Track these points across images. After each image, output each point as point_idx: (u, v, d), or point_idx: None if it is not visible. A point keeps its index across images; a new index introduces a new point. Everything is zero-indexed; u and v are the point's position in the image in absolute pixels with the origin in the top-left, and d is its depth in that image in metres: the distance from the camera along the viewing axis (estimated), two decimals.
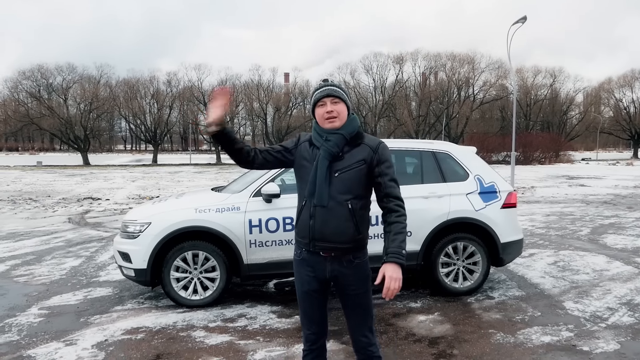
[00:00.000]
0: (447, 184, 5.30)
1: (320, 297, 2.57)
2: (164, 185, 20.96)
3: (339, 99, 2.47)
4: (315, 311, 2.57)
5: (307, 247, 2.49)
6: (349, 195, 2.43)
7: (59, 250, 7.71)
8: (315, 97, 2.51)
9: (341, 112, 2.47)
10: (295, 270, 2.60)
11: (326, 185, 2.41)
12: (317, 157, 2.45)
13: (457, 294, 5.22)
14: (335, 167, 2.43)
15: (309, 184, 2.44)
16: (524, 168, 34.10)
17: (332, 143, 2.44)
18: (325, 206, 2.41)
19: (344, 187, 2.42)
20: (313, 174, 2.44)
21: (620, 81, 69.47)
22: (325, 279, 2.51)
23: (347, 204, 2.42)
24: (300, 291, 2.58)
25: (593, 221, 10.36)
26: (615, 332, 4.23)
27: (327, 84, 2.50)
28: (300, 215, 2.51)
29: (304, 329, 2.62)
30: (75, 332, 4.34)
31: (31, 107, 54.40)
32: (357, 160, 2.44)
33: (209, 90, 61.68)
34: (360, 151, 2.46)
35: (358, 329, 2.59)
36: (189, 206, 5.09)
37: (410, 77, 65.21)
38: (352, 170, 2.43)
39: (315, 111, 2.52)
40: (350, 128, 2.48)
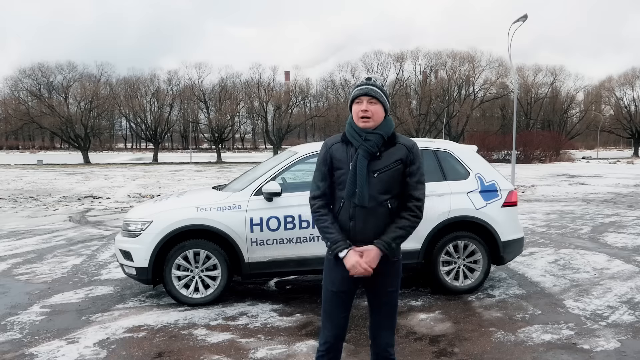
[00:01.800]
0: (448, 183, 5.31)
1: (348, 300, 2.57)
2: (165, 183, 20.97)
3: (377, 99, 2.47)
4: (339, 313, 2.56)
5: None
6: (387, 195, 2.45)
7: (60, 249, 7.73)
8: (353, 93, 2.51)
9: (376, 112, 2.47)
10: (328, 269, 2.57)
11: (367, 185, 2.41)
12: (355, 156, 2.44)
13: (457, 293, 5.23)
14: (373, 167, 2.44)
15: (348, 184, 2.43)
16: (524, 166, 34.08)
17: (371, 143, 2.44)
18: (366, 206, 2.41)
19: (383, 187, 2.44)
20: (352, 174, 2.43)
21: (621, 79, 69.40)
22: (360, 279, 2.49)
23: (387, 204, 2.45)
24: (328, 291, 2.56)
25: (593, 220, 10.37)
26: (615, 330, 4.24)
27: (369, 83, 2.49)
28: (338, 217, 2.49)
29: (324, 330, 2.60)
30: (77, 330, 4.35)
31: (32, 106, 54.44)
32: (395, 160, 2.46)
33: (209, 89, 61.81)
34: (397, 151, 2.48)
35: (382, 328, 2.59)
36: (190, 205, 5.10)
37: (411, 76, 65.28)
38: (390, 171, 2.45)
39: (352, 107, 2.52)
40: (387, 128, 2.50)
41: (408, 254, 5.14)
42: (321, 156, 2.58)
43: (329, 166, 2.54)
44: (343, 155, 2.50)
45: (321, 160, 2.57)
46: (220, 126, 56.78)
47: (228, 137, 66.83)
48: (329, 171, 2.55)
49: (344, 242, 2.45)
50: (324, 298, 2.59)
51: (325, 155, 2.56)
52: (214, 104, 61.64)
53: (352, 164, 2.43)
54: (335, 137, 2.61)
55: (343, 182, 2.47)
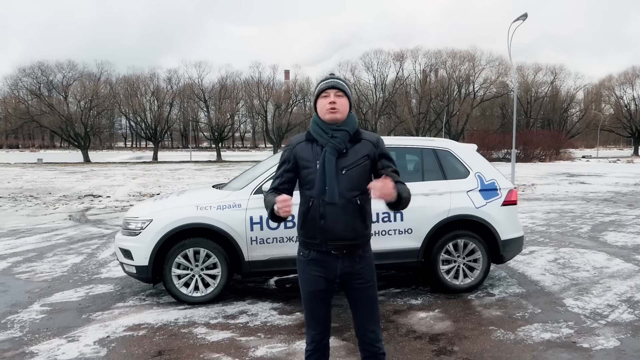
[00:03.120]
0: (448, 182, 5.31)
1: (327, 297, 2.57)
2: (165, 182, 20.97)
3: (343, 93, 2.49)
4: (321, 311, 2.57)
5: (317, 247, 2.47)
6: (356, 192, 2.44)
7: (60, 247, 7.73)
8: (320, 87, 2.52)
9: (343, 105, 2.49)
10: (302, 270, 2.57)
11: (336, 182, 2.40)
12: (322, 154, 2.43)
13: (457, 291, 5.24)
14: (341, 164, 2.43)
15: (318, 182, 2.42)
16: (524, 165, 34.09)
17: (338, 140, 2.44)
18: (336, 203, 2.41)
19: (351, 184, 2.43)
20: (321, 172, 2.42)
21: (621, 78, 69.35)
22: (335, 277, 2.51)
23: (356, 200, 2.44)
24: (306, 292, 2.57)
25: (593, 219, 10.37)
26: (615, 329, 4.24)
27: (333, 77, 2.54)
28: (307, 216, 2.47)
29: (309, 329, 2.61)
30: (77, 328, 4.36)
31: (31, 105, 54.43)
32: (362, 156, 2.47)
33: (209, 88, 61.77)
34: (363, 147, 2.49)
35: (366, 324, 2.60)
36: (190, 203, 5.10)
37: (411, 75, 65.18)
38: (358, 167, 2.45)
39: (317, 102, 2.52)
40: (352, 125, 2.51)
41: (408, 253, 5.16)
42: (284, 156, 2.58)
43: (291, 165, 2.54)
44: (309, 154, 2.48)
45: (283, 159, 2.57)
46: (220, 125, 56.76)
47: (228, 136, 66.79)
48: (289, 170, 2.54)
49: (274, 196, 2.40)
50: (303, 299, 2.60)
51: (288, 156, 2.55)
52: (213, 102, 61.60)
53: (320, 162, 2.42)
54: (300, 136, 2.59)
55: (311, 181, 2.45)
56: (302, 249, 2.56)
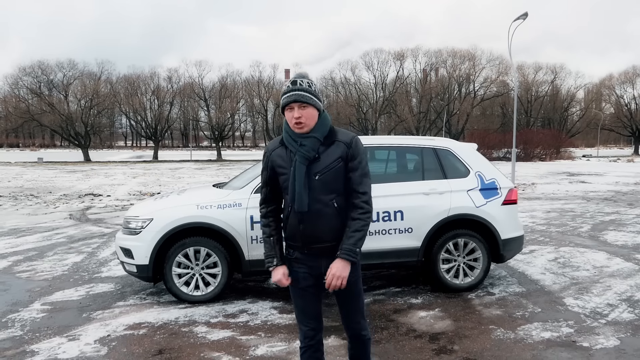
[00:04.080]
0: (448, 181, 5.31)
1: (316, 292, 2.60)
2: (165, 181, 20.98)
3: (307, 103, 2.42)
4: (311, 306, 2.60)
5: (300, 249, 2.51)
6: (332, 195, 2.44)
7: (60, 246, 7.74)
8: (282, 101, 2.46)
9: (309, 117, 2.43)
10: (289, 269, 2.60)
11: (306, 190, 2.40)
12: (293, 163, 2.42)
13: (457, 290, 5.24)
14: (314, 169, 2.42)
15: (289, 190, 2.43)
16: (524, 165, 34.09)
17: (307, 148, 2.42)
18: (307, 211, 2.41)
19: (326, 188, 2.42)
20: (292, 181, 2.42)
21: (622, 78, 69.30)
22: (320, 273, 2.52)
23: (333, 203, 2.44)
24: (295, 289, 2.59)
25: (593, 218, 10.38)
26: (615, 328, 4.25)
27: (295, 88, 2.41)
28: (288, 220, 2.49)
29: (301, 325, 2.63)
30: (78, 327, 4.37)
31: (32, 104, 54.46)
32: (335, 159, 2.43)
33: (209, 87, 61.77)
34: (336, 149, 2.45)
35: (352, 316, 2.64)
36: (191, 202, 5.11)
37: (411, 74, 65.19)
38: (332, 171, 2.43)
39: (284, 113, 2.49)
40: (323, 129, 2.46)
41: (408, 252, 5.16)
42: (263, 163, 2.61)
43: (270, 173, 2.56)
44: (284, 160, 2.49)
45: (263, 167, 2.60)
46: (221, 124, 56.77)
47: (228, 135, 66.76)
48: (270, 178, 2.57)
49: (272, 258, 2.56)
50: (292, 296, 2.63)
51: (266, 163, 2.58)
52: (214, 101, 61.63)
53: (292, 171, 2.43)
54: (275, 142, 2.58)
55: (287, 187, 2.47)
56: (286, 249, 2.61)
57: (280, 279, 2.55)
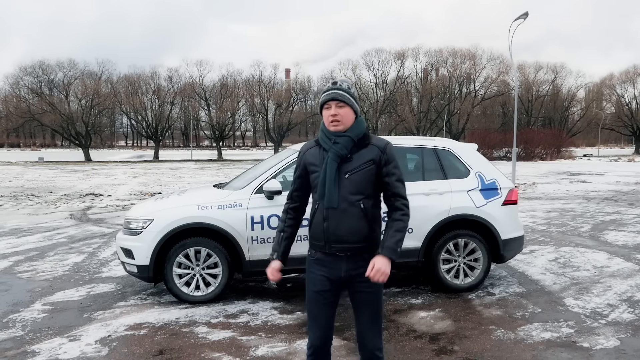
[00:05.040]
0: (449, 181, 5.32)
1: (331, 299, 2.55)
2: (166, 181, 20.99)
3: (344, 103, 2.48)
4: (323, 313, 2.55)
5: (322, 249, 2.50)
6: (360, 196, 2.46)
7: (61, 246, 7.75)
8: (321, 99, 2.53)
9: (345, 116, 2.49)
10: (308, 270, 2.60)
11: (335, 187, 2.44)
12: (325, 159, 2.48)
13: (457, 291, 5.25)
14: (345, 168, 2.47)
15: (319, 187, 2.48)
16: (525, 164, 34.08)
17: (340, 145, 2.47)
18: (336, 208, 2.44)
19: (355, 187, 2.46)
20: (322, 176, 2.47)
21: (622, 77, 69.24)
22: (339, 278, 2.51)
23: (359, 204, 2.46)
24: (310, 292, 2.58)
25: (594, 218, 10.38)
26: (615, 328, 4.25)
27: (335, 87, 2.50)
28: (313, 218, 2.53)
29: (310, 333, 2.60)
30: (79, 327, 4.38)
31: (32, 103, 54.47)
32: (366, 161, 2.48)
33: (210, 86, 61.79)
34: (369, 152, 2.50)
35: (368, 331, 2.57)
36: (191, 203, 5.11)
37: (412, 73, 65.08)
38: (362, 171, 2.47)
39: (322, 112, 2.55)
40: (357, 130, 2.51)
41: (408, 252, 5.16)
42: (296, 162, 2.69)
43: (301, 171, 2.63)
44: (317, 159, 2.54)
45: (295, 165, 2.69)
46: (221, 124, 56.78)
47: (229, 134, 66.77)
48: (300, 177, 2.64)
49: (274, 252, 2.66)
50: (308, 299, 2.60)
51: (299, 161, 2.66)
52: (214, 101, 61.62)
53: (323, 167, 2.48)
54: (310, 142, 2.66)
55: (317, 184, 2.52)
56: (310, 249, 2.61)
57: (270, 272, 2.63)
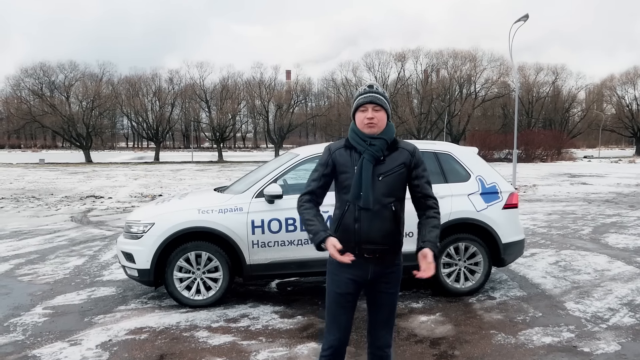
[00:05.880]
0: (449, 185, 5.32)
1: (353, 301, 2.61)
2: (166, 183, 21.00)
3: (381, 106, 2.53)
4: (344, 316, 2.60)
5: (351, 250, 2.49)
6: (392, 198, 2.52)
7: (62, 249, 7.76)
8: (358, 101, 2.56)
9: (381, 119, 2.54)
10: (332, 272, 2.60)
11: (372, 188, 2.48)
12: (360, 160, 2.50)
13: (458, 295, 5.24)
14: (378, 170, 2.51)
15: (353, 188, 2.49)
16: (525, 166, 34.06)
17: (376, 147, 2.51)
18: (370, 209, 2.48)
19: (388, 190, 2.51)
20: (357, 177, 2.49)
21: (623, 78, 69.27)
22: (365, 280, 2.56)
23: (391, 206, 2.51)
24: (334, 293, 2.59)
25: (595, 220, 10.37)
26: (616, 333, 4.25)
27: (372, 91, 2.55)
28: (342, 220, 2.54)
29: (328, 334, 2.62)
30: (80, 332, 4.38)
31: (33, 105, 54.51)
32: (399, 164, 2.54)
33: (210, 88, 61.84)
34: (400, 155, 2.56)
35: (381, 328, 2.65)
36: (192, 207, 5.12)
37: (412, 75, 65.18)
38: (395, 174, 2.53)
39: (355, 114, 2.57)
40: (390, 134, 2.57)
41: (409, 256, 5.15)
42: (323, 159, 2.64)
43: (329, 170, 2.61)
44: (347, 160, 2.56)
45: (322, 162, 2.64)
46: (222, 125, 56.81)
47: (229, 136, 66.83)
48: (327, 174, 2.62)
49: (324, 231, 2.48)
50: (329, 301, 2.62)
51: (327, 159, 2.62)
52: (215, 103, 61.67)
53: (357, 168, 2.50)
54: (339, 143, 2.66)
55: (348, 186, 2.53)
56: None
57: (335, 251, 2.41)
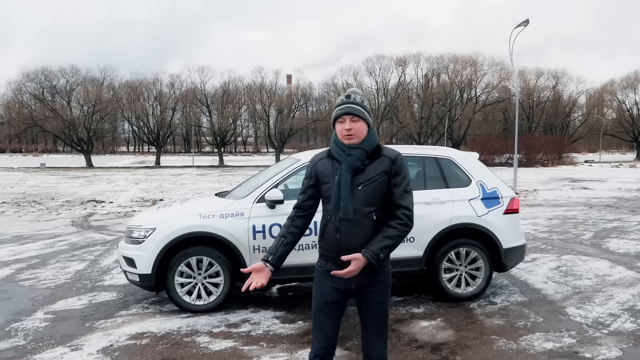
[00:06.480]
0: (450, 190, 5.33)
1: (339, 310, 2.59)
2: (167, 187, 21.01)
3: (358, 117, 2.50)
4: (330, 324, 2.58)
5: (334, 260, 2.50)
6: (373, 207, 2.48)
7: (63, 254, 7.76)
8: (335, 113, 2.55)
9: (359, 130, 2.51)
10: (317, 279, 2.60)
11: (350, 198, 2.46)
12: (339, 171, 2.49)
13: (459, 300, 5.24)
14: (358, 180, 2.48)
15: (333, 198, 2.49)
16: (526, 170, 34.05)
17: (354, 157, 2.49)
18: (349, 219, 2.46)
19: (368, 199, 2.47)
20: (336, 188, 2.49)
21: (623, 83, 69.30)
22: (350, 290, 2.53)
23: (372, 216, 2.48)
24: (319, 302, 2.58)
25: (596, 225, 10.37)
26: (617, 338, 4.24)
27: (349, 101, 2.52)
28: (325, 229, 2.54)
29: (315, 342, 2.61)
30: (81, 337, 4.38)
31: (35, 109, 54.60)
32: (379, 173, 2.50)
33: (211, 92, 61.97)
34: (381, 163, 2.52)
35: (373, 340, 2.60)
36: (193, 212, 5.13)
37: (413, 80, 65.25)
38: (375, 183, 2.49)
39: (335, 125, 2.57)
40: (370, 142, 2.54)
41: (410, 261, 5.17)
42: (307, 171, 2.68)
43: (313, 181, 2.64)
44: (329, 170, 2.56)
45: (306, 174, 2.68)
46: (223, 130, 56.88)
47: (230, 140, 66.88)
48: (311, 186, 2.65)
49: (269, 254, 2.58)
50: (314, 308, 2.61)
51: (310, 171, 2.66)
52: (216, 107, 61.76)
53: (337, 179, 2.49)
54: (322, 153, 2.67)
55: (329, 196, 2.53)
56: (320, 260, 2.61)
57: (258, 276, 2.53)
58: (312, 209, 2.67)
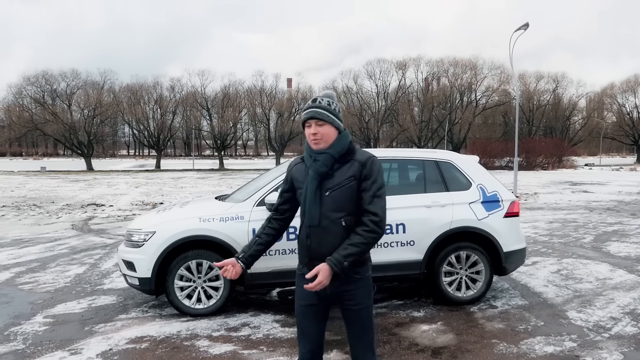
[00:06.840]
0: (450, 193, 5.32)
1: (320, 312, 2.54)
2: (168, 191, 21.01)
3: (324, 121, 2.45)
4: (312, 327, 2.54)
5: (307, 265, 2.49)
6: (342, 213, 2.42)
7: (63, 258, 7.75)
8: (302, 117, 2.53)
9: (325, 134, 2.45)
10: (297, 284, 2.59)
11: (316, 204, 2.42)
12: (307, 177, 2.48)
13: (460, 303, 5.23)
14: (326, 185, 2.44)
15: (302, 204, 2.49)
16: (526, 174, 34.04)
17: (320, 163, 2.44)
18: (317, 225, 2.43)
19: (336, 205, 2.42)
20: (304, 194, 2.47)
21: (623, 86, 69.44)
22: (326, 295, 2.47)
23: (341, 222, 2.42)
24: (299, 305, 2.56)
25: (596, 228, 10.35)
26: (618, 342, 4.23)
27: (314, 106, 2.47)
28: (299, 235, 2.55)
29: (300, 346, 2.58)
30: (80, 341, 4.37)
31: (35, 113, 54.68)
32: (347, 177, 2.43)
33: (211, 96, 62.06)
34: (350, 168, 2.45)
35: (357, 347, 2.56)
36: (193, 215, 5.12)
37: (413, 83, 65.39)
38: (343, 188, 2.42)
39: (304, 130, 2.54)
40: (339, 147, 2.47)
41: (410, 265, 5.16)
42: (285, 176, 2.69)
43: (288, 186, 2.64)
44: (302, 175, 2.54)
45: (284, 179, 2.70)
46: (223, 133, 56.90)
47: (230, 144, 66.85)
48: (286, 191, 2.65)
49: (242, 252, 2.61)
50: (296, 312, 2.59)
51: (287, 176, 2.67)
52: (216, 111, 61.85)
53: (304, 185, 2.48)
54: (298, 158, 2.66)
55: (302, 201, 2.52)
56: (298, 264, 2.61)
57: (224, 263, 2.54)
58: (288, 213, 2.66)
